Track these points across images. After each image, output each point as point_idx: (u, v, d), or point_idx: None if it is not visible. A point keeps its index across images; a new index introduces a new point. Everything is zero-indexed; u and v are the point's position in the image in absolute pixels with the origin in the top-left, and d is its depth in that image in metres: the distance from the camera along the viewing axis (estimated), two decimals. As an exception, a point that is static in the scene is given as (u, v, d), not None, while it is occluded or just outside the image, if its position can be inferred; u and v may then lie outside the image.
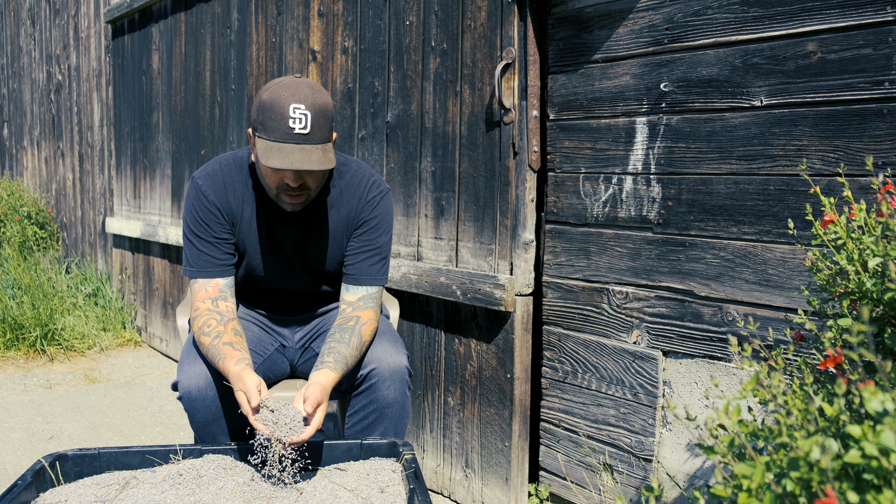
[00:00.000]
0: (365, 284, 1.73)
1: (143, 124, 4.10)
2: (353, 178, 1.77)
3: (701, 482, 1.63)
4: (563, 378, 1.95)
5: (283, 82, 1.57)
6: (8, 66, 6.54)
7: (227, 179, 1.72)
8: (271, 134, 1.53)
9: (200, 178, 1.72)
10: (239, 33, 3.18)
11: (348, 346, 1.61)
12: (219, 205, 1.70)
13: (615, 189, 1.79)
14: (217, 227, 1.70)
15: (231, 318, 1.64)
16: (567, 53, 1.89)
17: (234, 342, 1.56)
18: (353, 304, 1.72)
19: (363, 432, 1.67)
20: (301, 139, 1.53)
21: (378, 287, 1.75)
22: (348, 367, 1.60)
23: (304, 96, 1.54)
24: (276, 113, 1.53)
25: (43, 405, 3.17)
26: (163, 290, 4.01)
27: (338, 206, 1.75)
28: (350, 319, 1.67)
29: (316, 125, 1.54)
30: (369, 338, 1.68)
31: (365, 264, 1.74)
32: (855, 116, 1.36)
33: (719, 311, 1.59)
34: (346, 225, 1.76)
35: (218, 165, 1.75)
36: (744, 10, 1.51)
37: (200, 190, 1.70)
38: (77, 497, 1.32)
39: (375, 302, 1.74)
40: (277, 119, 1.53)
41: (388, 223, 1.77)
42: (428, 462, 2.32)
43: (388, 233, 1.77)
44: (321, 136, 1.56)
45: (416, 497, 1.29)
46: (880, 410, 0.52)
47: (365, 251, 1.74)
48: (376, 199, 1.75)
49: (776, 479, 0.61)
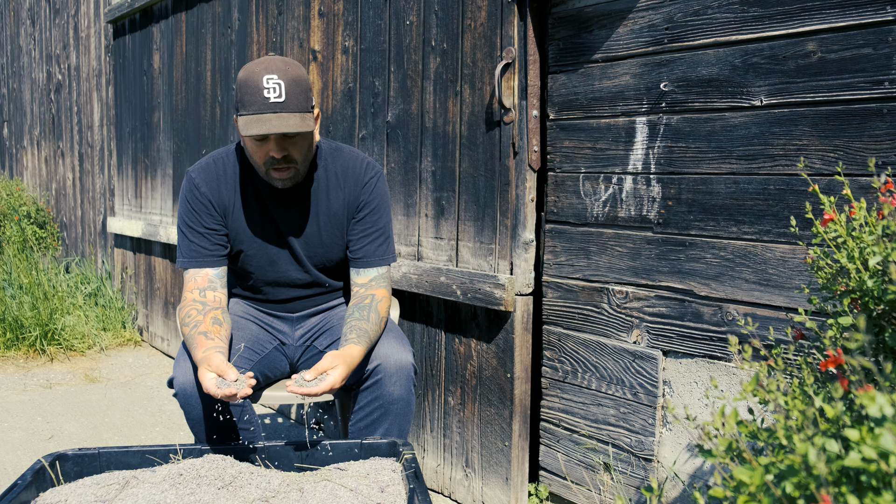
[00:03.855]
0: (374, 266, 1.79)
1: (145, 124, 4.10)
2: (347, 160, 1.81)
3: (701, 482, 1.63)
4: (563, 378, 1.95)
5: (257, 60, 1.64)
6: (8, 65, 6.54)
7: (219, 172, 1.77)
8: (249, 107, 1.58)
9: (194, 171, 1.77)
10: (240, 33, 3.18)
11: (368, 321, 1.66)
12: (210, 197, 1.74)
13: (615, 189, 1.79)
14: (208, 218, 1.74)
15: (213, 308, 1.66)
16: (567, 53, 1.88)
17: (209, 331, 1.58)
18: (365, 285, 1.77)
19: (367, 428, 1.67)
20: (277, 107, 1.58)
21: (387, 267, 1.81)
22: (371, 341, 1.65)
23: (276, 68, 1.59)
24: (251, 86, 1.58)
25: (43, 405, 3.17)
26: (164, 289, 4.02)
27: (336, 189, 1.79)
28: (365, 298, 1.73)
29: (291, 93, 1.59)
30: (385, 314, 1.73)
31: (371, 247, 1.79)
32: (855, 116, 1.36)
33: (719, 310, 1.59)
34: (347, 208, 1.80)
35: (212, 159, 1.79)
36: (744, 10, 1.51)
37: (193, 183, 1.75)
38: (77, 497, 1.33)
39: (386, 281, 1.80)
40: (253, 92, 1.58)
41: (387, 203, 1.83)
42: (428, 462, 2.32)
43: (388, 212, 1.83)
44: (297, 105, 1.60)
45: (416, 497, 1.29)
46: (879, 416, 0.52)
47: (369, 234, 1.79)
48: (373, 182, 1.80)
49: (775, 481, 0.61)
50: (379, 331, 1.68)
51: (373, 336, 1.65)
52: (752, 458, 0.62)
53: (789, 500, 0.59)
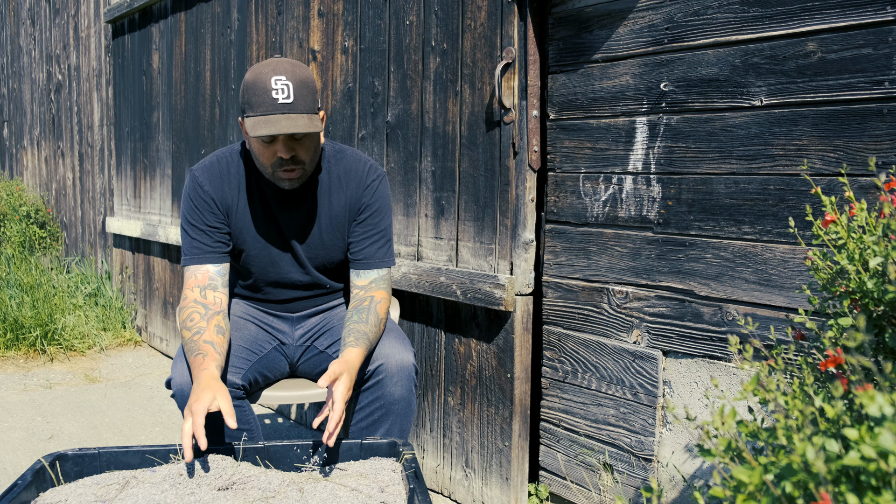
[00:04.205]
0: (375, 268, 1.79)
1: (144, 124, 4.10)
2: (350, 162, 1.81)
3: (701, 482, 1.63)
4: (563, 378, 1.95)
5: (264, 62, 1.64)
6: (8, 65, 6.54)
7: (223, 171, 1.77)
8: (257, 109, 1.58)
9: (198, 170, 1.77)
10: (239, 33, 3.17)
11: (367, 323, 1.66)
12: (213, 195, 1.74)
13: (615, 189, 1.79)
14: (210, 216, 1.74)
15: (216, 313, 1.65)
16: (567, 53, 1.88)
17: (214, 342, 1.58)
18: (365, 287, 1.77)
19: (369, 428, 1.67)
20: (286, 108, 1.58)
21: (387, 269, 1.80)
22: (370, 342, 1.65)
23: (284, 69, 1.59)
24: (259, 88, 1.58)
25: (43, 405, 3.17)
26: (163, 289, 4.02)
27: (338, 191, 1.79)
28: (364, 300, 1.73)
29: (299, 95, 1.59)
30: (384, 315, 1.73)
31: (372, 248, 1.79)
32: (855, 116, 1.36)
33: (719, 310, 1.59)
34: (349, 210, 1.80)
35: (215, 158, 1.79)
36: (744, 10, 1.51)
37: (197, 181, 1.75)
38: (77, 497, 1.33)
39: (386, 283, 1.79)
40: (261, 93, 1.58)
41: (388, 206, 1.83)
42: (428, 462, 2.32)
43: (389, 215, 1.83)
44: (305, 106, 1.60)
45: (415, 497, 1.29)
46: (878, 416, 0.52)
47: (371, 236, 1.79)
48: (375, 184, 1.80)
49: (775, 481, 0.61)
50: (378, 332, 1.68)
51: (372, 338, 1.65)
52: (751, 458, 0.62)
53: (789, 499, 0.59)
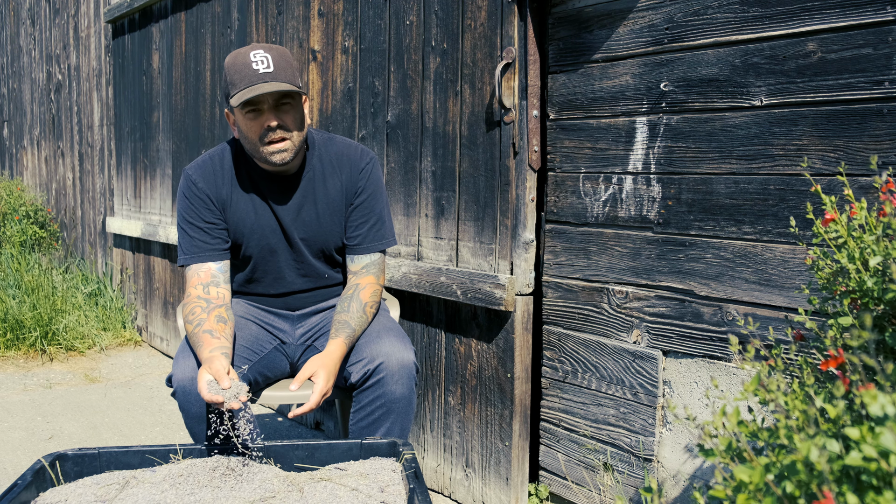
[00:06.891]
0: (369, 252, 1.82)
1: (144, 124, 4.10)
2: (341, 146, 1.85)
3: (701, 482, 1.63)
4: (563, 378, 1.95)
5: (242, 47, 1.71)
6: (8, 65, 6.54)
7: (216, 168, 1.79)
8: (239, 84, 1.62)
9: (191, 169, 1.80)
10: (239, 33, 3.17)
11: (348, 312, 1.69)
12: (208, 192, 1.76)
13: (615, 189, 1.79)
14: (207, 212, 1.75)
15: (218, 306, 1.66)
16: (567, 53, 1.89)
17: (214, 329, 1.59)
18: (356, 273, 1.80)
19: (369, 427, 1.66)
20: (268, 77, 1.62)
21: (380, 254, 1.84)
22: (353, 329, 1.67)
23: (261, 46, 1.65)
24: (239, 64, 1.62)
25: (43, 405, 3.17)
26: (163, 289, 4.02)
27: (333, 175, 1.82)
28: (349, 289, 1.76)
29: (279, 66, 1.63)
30: (371, 298, 1.75)
31: (368, 231, 1.82)
32: (855, 116, 1.36)
33: (719, 310, 1.59)
34: (345, 194, 1.82)
35: (207, 157, 1.82)
36: (744, 10, 1.51)
37: (191, 179, 1.77)
38: (77, 497, 1.33)
39: (377, 268, 1.82)
40: (241, 68, 1.62)
41: (382, 187, 1.87)
42: (428, 462, 2.32)
43: (383, 196, 1.86)
44: (287, 76, 1.64)
45: (416, 497, 1.29)
46: (881, 416, 0.52)
47: (367, 219, 1.82)
48: (370, 168, 1.84)
49: (776, 481, 0.61)
50: (363, 317, 1.71)
51: (355, 325, 1.67)
52: (752, 458, 0.62)
53: (790, 499, 0.59)
